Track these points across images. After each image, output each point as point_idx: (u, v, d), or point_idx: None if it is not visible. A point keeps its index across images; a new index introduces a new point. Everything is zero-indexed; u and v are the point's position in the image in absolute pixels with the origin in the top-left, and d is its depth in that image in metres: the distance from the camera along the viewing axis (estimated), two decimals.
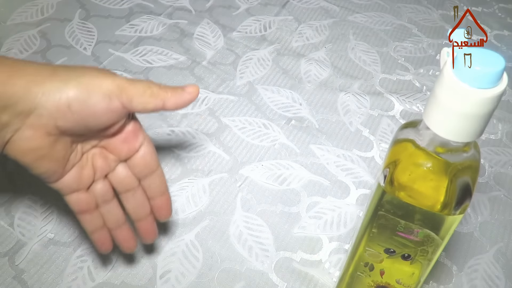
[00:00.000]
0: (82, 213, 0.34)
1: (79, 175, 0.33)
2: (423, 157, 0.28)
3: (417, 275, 0.34)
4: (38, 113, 0.29)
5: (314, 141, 0.53)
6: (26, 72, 0.29)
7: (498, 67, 0.24)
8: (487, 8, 0.74)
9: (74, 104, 0.29)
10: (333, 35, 0.65)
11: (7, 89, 0.28)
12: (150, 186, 0.35)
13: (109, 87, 0.30)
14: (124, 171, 0.34)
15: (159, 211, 0.36)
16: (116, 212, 0.35)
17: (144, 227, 0.36)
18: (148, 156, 0.34)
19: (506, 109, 0.59)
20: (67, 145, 0.32)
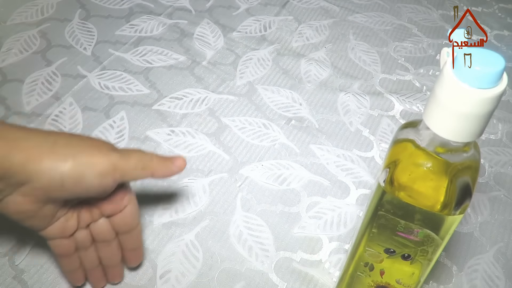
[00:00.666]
0: (62, 256, 0.36)
1: (64, 226, 0.35)
2: (423, 157, 0.28)
3: (417, 275, 0.34)
4: (32, 185, 0.31)
5: (314, 141, 0.53)
6: (26, 145, 0.30)
7: (498, 67, 0.24)
8: (487, 8, 0.74)
9: (68, 182, 0.31)
10: (333, 35, 0.65)
11: (5, 163, 0.29)
12: (126, 241, 0.38)
13: (104, 167, 0.32)
14: (104, 224, 0.36)
15: (129, 261, 0.40)
16: (92, 257, 0.37)
17: (112, 273, 0.39)
18: (129, 216, 0.36)
19: (506, 109, 0.59)
20: (56, 207, 0.33)
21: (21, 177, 0.30)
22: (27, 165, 0.30)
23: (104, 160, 0.32)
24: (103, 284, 0.40)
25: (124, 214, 0.36)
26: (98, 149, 0.33)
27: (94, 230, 0.36)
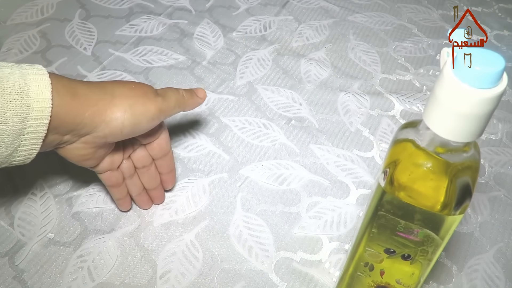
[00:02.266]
0: (113, 186, 0.42)
1: (112, 160, 0.40)
2: (423, 157, 0.28)
3: (417, 275, 0.34)
4: (94, 134, 0.36)
5: (314, 141, 0.53)
6: (93, 101, 0.35)
7: (498, 67, 0.24)
8: (487, 8, 0.74)
9: (126, 129, 0.36)
10: (333, 35, 0.65)
11: (77, 119, 0.34)
12: (162, 165, 0.43)
13: (154, 113, 0.37)
14: (142, 152, 0.42)
15: (166, 183, 0.45)
16: (137, 183, 0.43)
17: (155, 194, 0.45)
18: (163, 142, 0.42)
19: (506, 109, 0.59)
20: (109, 149, 0.39)
21: (88, 129, 0.35)
22: (94, 118, 0.35)
23: (153, 107, 0.37)
24: (149, 206, 0.45)
25: (159, 141, 0.41)
26: (147, 97, 0.37)
27: (135, 159, 0.42)
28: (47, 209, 0.44)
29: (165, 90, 0.40)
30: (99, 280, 0.40)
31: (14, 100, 0.31)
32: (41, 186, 0.46)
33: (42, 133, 0.33)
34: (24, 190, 0.45)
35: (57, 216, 0.44)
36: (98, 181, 0.46)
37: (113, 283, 0.40)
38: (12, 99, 0.31)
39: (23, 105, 0.31)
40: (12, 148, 0.33)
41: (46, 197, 0.45)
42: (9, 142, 0.32)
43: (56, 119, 0.33)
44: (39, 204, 0.44)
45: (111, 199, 0.45)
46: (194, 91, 0.43)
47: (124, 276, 0.41)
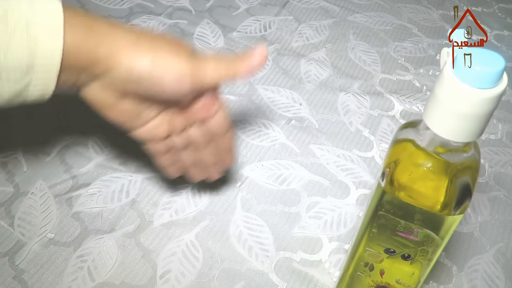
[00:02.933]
0: (156, 156, 0.39)
1: (154, 130, 0.37)
2: (423, 157, 0.28)
3: (417, 275, 0.34)
4: (111, 76, 0.32)
5: (314, 141, 0.53)
6: (111, 40, 0.32)
7: (498, 67, 0.24)
8: (487, 8, 0.74)
9: (144, 78, 0.32)
10: (333, 35, 0.65)
11: (91, 55, 0.31)
12: (220, 143, 0.40)
13: (180, 72, 0.33)
14: (198, 130, 0.38)
15: (223, 163, 0.42)
16: (188, 158, 0.40)
17: (209, 172, 0.42)
18: (221, 121, 0.38)
19: (506, 109, 0.59)
20: (134, 103, 0.35)
21: (103, 68, 0.32)
22: (110, 58, 0.32)
23: (181, 65, 0.33)
24: (200, 179, 0.43)
25: (216, 119, 0.38)
26: (177, 53, 0.33)
27: (190, 135, 0.39)
28: (47, 209, 0.44)
29: (206, 57, 0.35)
30: (99, 280, 0.40)
31: (19, 33, 0.28)
32: (41, 186, 0.46)
33: (54, 72, 0.30)
34: (24, 190, 0.45)
35: (57, 216, 0.44)
36: (98, 181, 0.46)
37: (113, 283, 0.40)
38: (16, 32, 0.28)
39: (29, 40, 0.29)
40: (22, 85, 0.30)
41: (46, 197, 0.45)
42: (16, 78, 0.29)
43: (68, 56, 0.30)
44: (39, 204, 0.44)
45: (111, 199, 0.45)
46: (248, 55, 0.36)
47: (124, 276, 0.41)
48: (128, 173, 0.47)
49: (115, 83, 0.33)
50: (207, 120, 0.38)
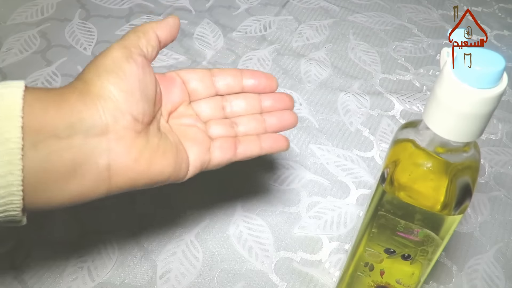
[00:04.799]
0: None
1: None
2: (423, 157, 0.28)
3: (417, 275, 0.34)
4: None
5: (314, 141, 0.53)
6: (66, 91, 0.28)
7: (498, 67, 0.24)
8: (487, 8, 0.74)
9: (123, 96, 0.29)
10: (333, 35, 0.65)
11: (72, 111, 0.27)
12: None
13: (120, 54, 0.30)
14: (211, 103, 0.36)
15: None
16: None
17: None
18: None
19: (506, 109, 0.59)
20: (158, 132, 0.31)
21: (89, 116, 0.28)
22: (84, 101, 0.28)
23: (119, 50, 0.31)
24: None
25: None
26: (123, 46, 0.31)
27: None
28: None
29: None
30: (99, 280, 0.40)
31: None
32: None
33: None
34: None
35: (57, 216, 0.44)
36: None
37: (113, 283, 0.40)
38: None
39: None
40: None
41: None
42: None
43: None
44: None
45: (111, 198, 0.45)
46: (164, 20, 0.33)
47: (124, 276, 0.41)
48: None
49: (122, 117, 0.29)
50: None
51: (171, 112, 0.34)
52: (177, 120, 0.34)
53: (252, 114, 0.36)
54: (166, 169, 0.30)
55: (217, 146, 0.34)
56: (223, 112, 0.36)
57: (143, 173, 0.29)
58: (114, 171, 0.28)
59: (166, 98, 0.33)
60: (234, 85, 0.36)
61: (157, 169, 0.30)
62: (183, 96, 0.34)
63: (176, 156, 0.31)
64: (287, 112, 0.37)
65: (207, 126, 0.35)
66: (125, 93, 0.29)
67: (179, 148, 0.32)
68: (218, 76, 0.36)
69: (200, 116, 0.35)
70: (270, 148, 0.35)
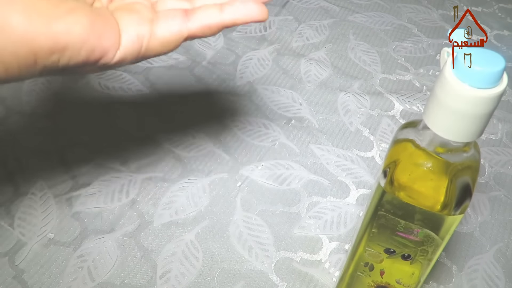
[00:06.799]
0: None
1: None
2: (423, 157, 0.28)
3: (417, 275, 0.34)
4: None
5: (314, 141, 0.53)
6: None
7: (498, 67, 0.24)
8: (487, 8, 0.74)
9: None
10: (333, 35, 0.65)
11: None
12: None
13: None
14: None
15: None
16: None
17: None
18: None
19: (506, 109, 0.59)
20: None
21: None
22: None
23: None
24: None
25: None
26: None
27: None
28: (47, 209, 0.44)
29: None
30: (99, 280, 0.40)
31: None
32: (41, 186, 0.46)
33: None
34: (24, 190, 0.45)
35: (57, 216, 0.44)
36: (98, 181, 0.46)
37: (113, 283, 0.40)
38: None
39: None
40: None
41: (46, 197, 0.45)
42: None
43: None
44: (39, 204, 0.44)
45: (111, 199, 0.45)
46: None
47: (124, 276, 0.41)
48: (128, 173, 0.47)
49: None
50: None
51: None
52: (119, 2, 0.29)
53: None
54: (75, 27, 0.24)
55: (162, 16, 0.27)
56: None
57: (39, 30, 0.24)
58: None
59: None
60: None
61: (61, 26, 0.24)
62: None
63: (93, 17, 0.25)
64: None
65: (155, 3, 0.29)
66: None
67: (102, 13, 0.26)
68: None
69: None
70: (235, 13, 0.28)
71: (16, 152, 0.48)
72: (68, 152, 0.48)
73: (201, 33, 0.28)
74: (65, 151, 0.48)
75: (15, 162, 0.47)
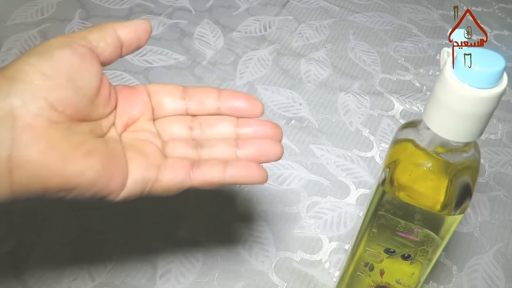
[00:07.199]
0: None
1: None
2: (423, 157, 0.28)
3: (417, 275, 0.34)
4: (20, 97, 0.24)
5: (314, 141, 0.53)
6: None
7: (498, 67, 0.24)
8: (487, 8, 0.74)
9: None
10: (333, 35, 0.65)
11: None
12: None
13: (59, 41, 0.26)
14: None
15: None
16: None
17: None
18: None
19: (506, 109, 0.59)
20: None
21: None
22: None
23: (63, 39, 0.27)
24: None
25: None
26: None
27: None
28: (47, 209, 0.44)
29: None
30: (99, 280, 0.40)
31: None
32: None
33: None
34: None
35: (57, 216, 0.44)
36: None
37: (113, 283, 0.40)
38: None
39: None
40: None
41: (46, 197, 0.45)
42: None
43: None
44: (39, 204, 0.44)
45: None
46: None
47: (124, 276, 0.41)
48: None
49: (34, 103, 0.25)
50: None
51: (127, 125, 0.30)
52: (132, 134, 0.30)
53: (224, 138, 0.31)
54: (88, 171, 0.25)
55: (169, 164, 0.28)
56: (190, 133, 0.31)
57: (54, 171, 0.24)
58: (16, 163, 0.24)
59: (124, 109, 0.29)
60: (209, 105, 0.31)
61: (75, 169, 0.25)
62: (144, 109, 0.30)
63: (106, 160, 0.26)
64: (269, 141, 0.30)
65: (166, 144, 0.30)
66: (44, 75, 0.25)
67: (115, 154, 0.27)
68: (191, 93, 0.32)
69: (162, 134, 0.30)
70: (237, 176, 0.29)
71: None
72: None
73: (201, 186, 0.29)
74: None
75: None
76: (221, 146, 0.30)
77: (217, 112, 0.31)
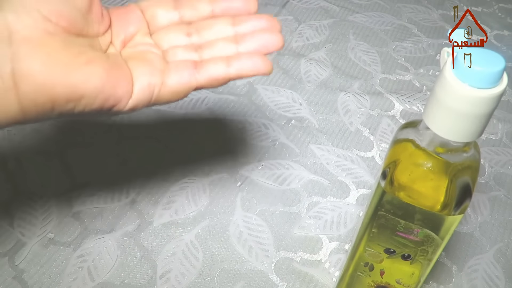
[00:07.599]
0: None
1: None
2: (423, 157, 0.28)
3: (417, 275, 0.34)
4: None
5: (314, 141, 0.53)
6: None
7: (498, 67, 0.24)
8: (487, 8, 0.74)
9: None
10: (333, 35, 0.65)
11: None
12: None
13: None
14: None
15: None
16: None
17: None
18: None
19: (506, 109, 0.59)
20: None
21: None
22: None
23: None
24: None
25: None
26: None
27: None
28: (47, 209, 0.44)
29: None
30: (99, 280, 0.40)
31: None
32: (41, 186, 0.46)
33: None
34: (24, 190, 0.45)
35: (57, 216, 0.44)
36: (98, 181, 0.46)
37: (113, 283, 0.40)
38: None
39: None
40: None
41: (46, 197, 0.45)
42: None
43: None
44: (39, 204, 0.44)
45: (111, 199, 0.45)
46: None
47: (124, 276, 0.41)
48: (128, 173, 0.47)
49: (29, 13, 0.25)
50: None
51: (125, 42, 0.30)
52: (131, 49, 0.30)
53: (223, 38, 0.31)
54: (92, 77, 0.26)
55: (172, 67, 0.29)
56: (188, 39, 0.31)
57: (59, 79, 0.25)
58: (20, 76, 0.24)
59: (119, 27, 0.30)
60: (202, 9, 0.31)
61: (79, 76, 0.25)
62: (139, 24, 0.30)
63: (109, 67, 0.27)
64: (268, 32, 0.30)
65: (166, 52, 0.30)
66: None
67: (117, 63, 0.28)
68: (183, 1, 0.32)
69: (161, 45, 0.31)
70: (242, 68, 0.29)
71: (16, 152, 0.48)
72: (68, 152, 0.48)
73: (208, 84, 0.29)
74: (65, 151, 0.48)
75: (15, 162, 0.47)
76: (222, 45, 0.30)
77: (211, 15, 0.31)
